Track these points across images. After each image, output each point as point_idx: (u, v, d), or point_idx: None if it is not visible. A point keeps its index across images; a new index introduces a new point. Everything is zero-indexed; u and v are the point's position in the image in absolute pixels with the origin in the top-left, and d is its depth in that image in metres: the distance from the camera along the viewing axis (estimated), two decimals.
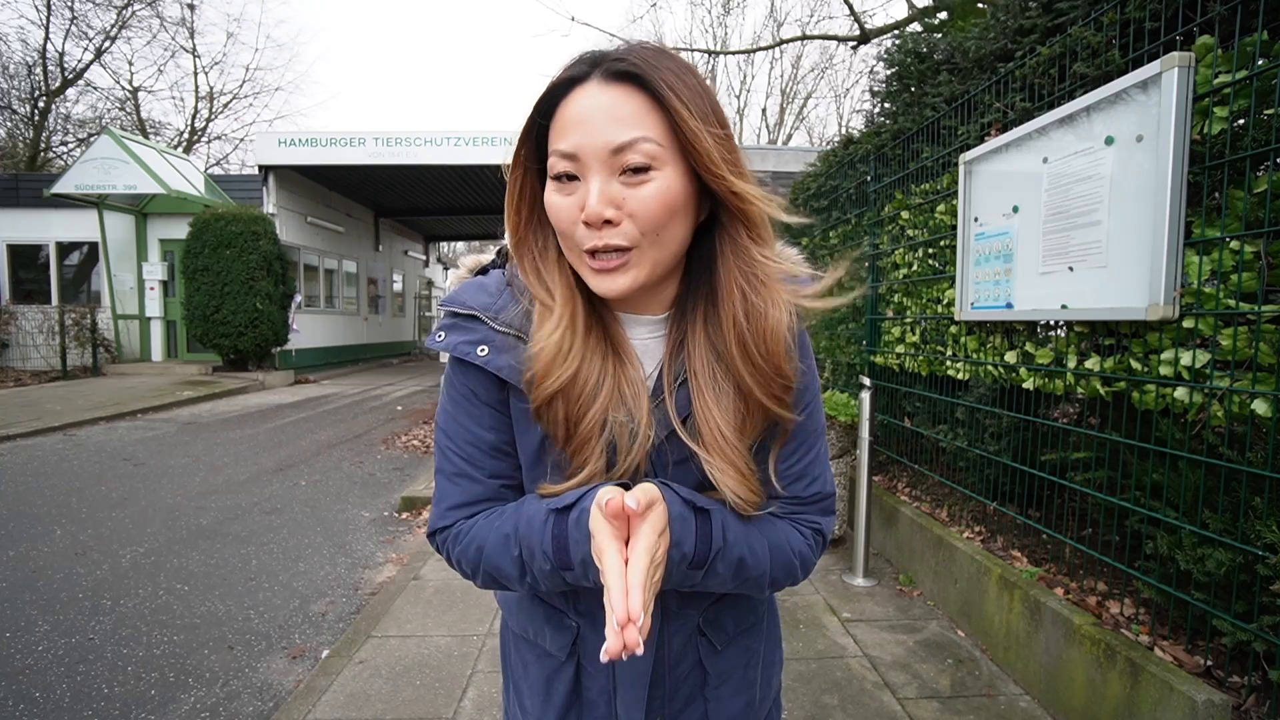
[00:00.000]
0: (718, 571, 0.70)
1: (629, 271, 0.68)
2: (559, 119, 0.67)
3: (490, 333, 0.74)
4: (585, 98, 0.66)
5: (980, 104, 3.00)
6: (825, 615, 3.01)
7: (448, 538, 0.77)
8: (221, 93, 24.76)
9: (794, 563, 0.77)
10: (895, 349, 3.79)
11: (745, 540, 0.73)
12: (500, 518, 0.75)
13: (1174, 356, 1.91)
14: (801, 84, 24.61)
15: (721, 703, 0.84)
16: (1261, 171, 1.75)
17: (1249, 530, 1.71)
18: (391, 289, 20.45)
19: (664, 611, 0.80)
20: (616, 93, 0.65)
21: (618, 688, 0.81)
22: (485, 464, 0.77)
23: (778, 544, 0.76)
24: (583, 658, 0.82)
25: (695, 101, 0.66)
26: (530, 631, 0.85)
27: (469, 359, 0.73)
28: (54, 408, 8.52)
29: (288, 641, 2.92)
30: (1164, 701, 1.83)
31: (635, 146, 0.64)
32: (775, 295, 0.71)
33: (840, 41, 10.65)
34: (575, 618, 0.81)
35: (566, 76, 0.68)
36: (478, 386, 0.76)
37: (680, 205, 0.68)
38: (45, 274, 13.42)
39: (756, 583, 0.75)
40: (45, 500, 4.88)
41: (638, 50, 0.67)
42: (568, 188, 0.67)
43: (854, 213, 4.46)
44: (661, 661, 0.81)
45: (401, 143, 12.12)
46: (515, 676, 0.90)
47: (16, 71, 18.54)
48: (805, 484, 0.79)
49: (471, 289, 0.77)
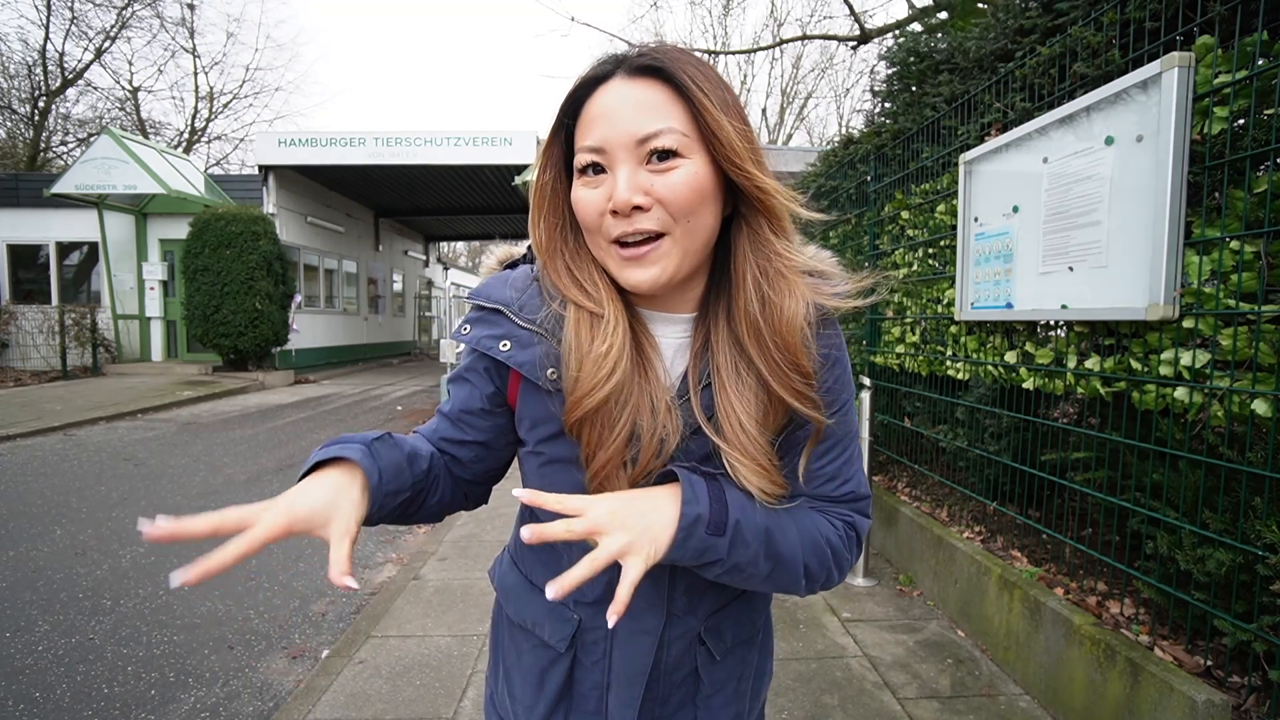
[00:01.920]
0: (746, 541, 0.68)
1: (659, 261, 0.68)
2: (585, 116, 0.69)
3: (514, 328, 0.74)
4: (610, 93, 0.68)
5: (980, 104, 3.00)
6: (825, 615, 3.01)
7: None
8: (221, 93, 24.78)
9: (826, 551, 0.74)
10: (895, 349, 3.79)
11: (771, 515, 0.71)
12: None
13: (1174, 356, 1.91)
14: (801, 84, 24.60)
15: (712, 713, 0.84)
16: (1261, 171, 1.75)
17: (1249, 530, 1.71)
18: (391, 289, 20.45)
19: (668, 614, 0.80)
20: (641, 86, 0.67)
21: (611, 684, 0.80)
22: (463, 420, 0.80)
23: (806, 527, 0.74)
24: (580, 651, 0.81)
25: (717, 93, 0.67)
26: (529, 622, 0.84)
27: (491, 354, 0.75)
28: (54, 408, 8.52)
29: (288, 641, 2.92)
30: (1164, 701, 1.82)
31: (661, 135, 0.66)
32: (792, 287, 0.71)
33: (840, 41, 10.66)
34: (576, 610, 0.80)
35: (591, 76, 0.69)
36: (492, 370, 0.78)
37: (708, 192, 0.68)
38: (45, 274, 13.42)
39: (790, 566, 0.72)
40: (45, 500, 4.88)
41: (659, 47, 0.69)
42: (594, 180, 0.68)
43: (854, 213, 4.46)
44: (659, 664, 0.81)
45: (401, 143, 12.12)
46: (507, 663, 0.88)
47: (16, 71, 18.56)
48: (836, 485, 0.78)
49: (498, 284, 0.78)
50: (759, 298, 0.71)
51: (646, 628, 0.79)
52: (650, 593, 0.78)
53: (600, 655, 0.81)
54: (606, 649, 0.80)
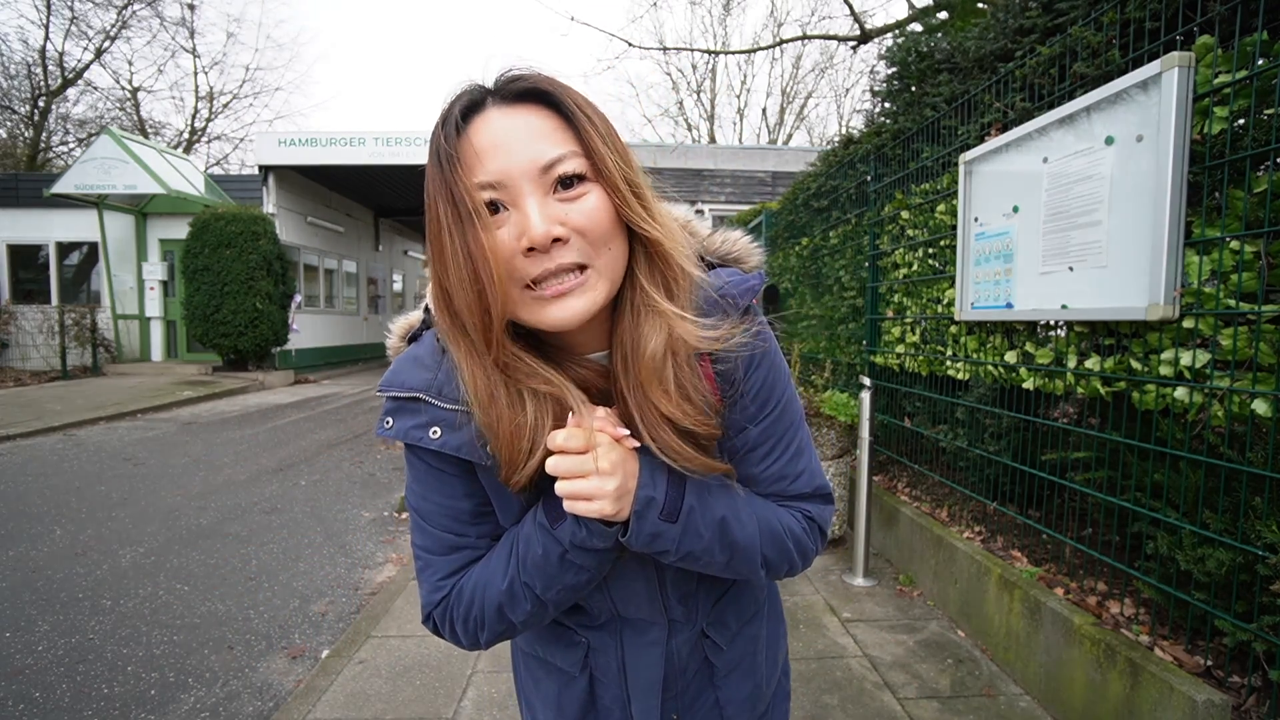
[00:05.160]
0: (699, 531, 0.68)
1: (587, 292, 0.63)
2: (466, 153, 0.62)
3: (438, 412, 0.68)
4: (493, 123, 0.62)
5: (980, 104, 3.00)
6: (825, 615, 3.01)
7: (448, 604, 0.74)
8: (221, 93, 24.82)
9: (786, 541, 0.75)
10: (895, 349, 3.79)
11: (728, 503, 0.72)
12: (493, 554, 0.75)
13: (1174, 356, 1.91)
14: (801, 84, 24.66)
15: (731, 689, 0.86)
16: (1261, 171, 1.75)
17: (1249, 530, 1.71)
18: (391, 289, 20.45)
19: (669, 623, 0.82)
20: (526, 112, 0.63)
21: (631, 699, 0.82)
22: (470, 531, 0.75)
23: (766, 517, 0.74)
24: (595, 670, 0.83)
25: (603, 124, 0.64)
26: (539, 650, 0.87)
27: (423, 444, 0.69)
28: (54, 408, 8.52)
29: (288, 641, 2.92)
30: (1164, 701, 1.82)
31: (564, 160, 0.62)
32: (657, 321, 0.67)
33: (840, 41, 10.65)
34: (584, 634, 0.82)
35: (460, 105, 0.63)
36: (441, 463, 0.72)
37: (616, 219, 0.65)
38: (45, 274, 13.42)
39: (747, 556, 0.72)
40: (45, 500, 4.88)
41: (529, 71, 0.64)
42: (496, 221, 0.62)
43: (854, 213, 4.46)
44: (671, 670, 0.83)
45: (401, 143, 12.11)
46: (527, 692, 0.91)
47: (16, 71, 18.56)
48: (787, 484, 0.77)
49: (408, 365, 0.71)
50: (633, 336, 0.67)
51: (652, 640, 0.82)
52: (647, 607, 0.81)
53: (615, 672, 0.82)
54: (620, 666, 0.82)
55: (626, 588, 0.79)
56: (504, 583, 0.71)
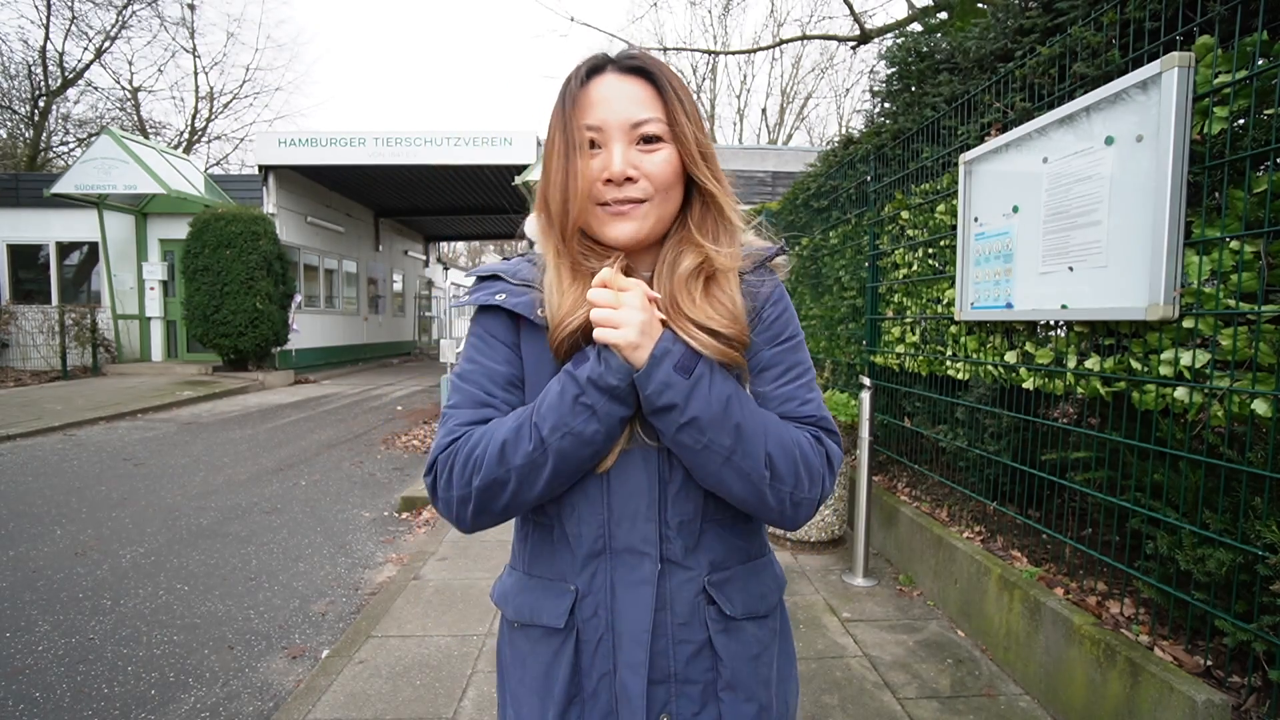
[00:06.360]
0: (708, 401, 0.76)
1: (639, 220, 0.82)
2: (583, 101, 0.82)
3: (507, 284, 0.88)
4: (606, 84, 0.82)
5: (980, 104, 3.00)
6: (825, 615, 3.01)
7: (455, 447, 0.81)
8: (221, 93, 24.85)
9: (794, 451, 0.81)
10: (895, 349, 3.79)
11: (738, 389, 0.80)
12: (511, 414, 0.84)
13: (1174, 356, 1.91)
14: (801, 84, 24.67)
15: (736, 706, 0.85)
16: (1261, 171, 1.75)
17: (1249, 530, 1.71)
18: (391, 289, 20.44)
19: (663, 559, 0.82)
20: (632, 81, 0.82)
21: (618, 666, 0.81)
22: (498, 394, 0.86)
23: (774, 421, 0.82)
24: (581, 629, 0.83)
25: (688, 102, 0.83)
26: (528, 611, 0.86)
27: (490, 302, 0.87)
28: (54, 408, 8.52)
29: (288, 641, 2.92)
30: (1164, 701, 1.83)
31: (649, 123, 0.81)
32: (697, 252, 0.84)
33: (840, 41, 10.65)
34: (573, 579, 0.84)
35: (589, 66, 0.83)
36: (495, 328, 0.88)
37: (679, 176, 0.84)
38: (45, 274, 13.42)
39: (752, 446, 0.78)
40: (45, 500, 4.88)
41: (645, 54, 0.84)
42: (591, 154, 0.82)
43: (854, 213, 4.46)
44: (665, 624, 0.82)
45: (401, 143, 12.12)
46: (512, 684, 0.90)
47: (17, 71, 18.56)
48: (795, 405, 0.86)
49: (494, 262, 0.94)
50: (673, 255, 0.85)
51: (644, 576, 0.81)
52: (643, 527, 0.81)
53: (603, 627, 0.82)
54: (608, 618, 0.82)
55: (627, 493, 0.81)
56: (514, 424, 0.79)
